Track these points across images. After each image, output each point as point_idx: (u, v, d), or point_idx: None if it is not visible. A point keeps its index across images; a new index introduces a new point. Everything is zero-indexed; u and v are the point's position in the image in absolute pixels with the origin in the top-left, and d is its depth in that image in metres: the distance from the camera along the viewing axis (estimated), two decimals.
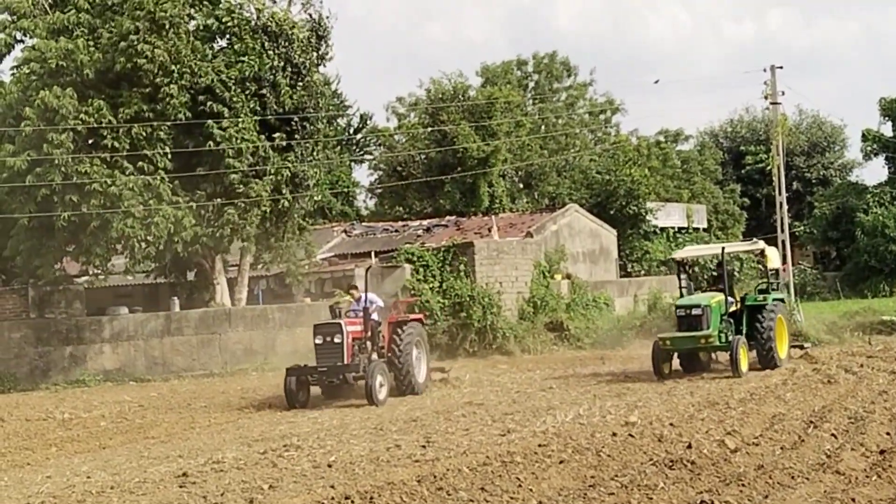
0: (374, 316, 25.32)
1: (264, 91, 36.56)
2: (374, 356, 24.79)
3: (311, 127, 37.78)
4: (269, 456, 16.83)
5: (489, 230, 45.84)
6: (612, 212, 52.40)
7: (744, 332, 26.14)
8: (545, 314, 39.70)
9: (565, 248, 44.84)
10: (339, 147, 49.07)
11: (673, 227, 55.88)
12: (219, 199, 35.80)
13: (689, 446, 14.56)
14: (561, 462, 14.11)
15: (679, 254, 28.57)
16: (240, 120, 35.41)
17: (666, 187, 59.63)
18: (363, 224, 54.81)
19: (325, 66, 40.02)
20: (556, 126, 67.31)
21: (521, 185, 63.38)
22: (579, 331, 39.14)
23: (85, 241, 34.42)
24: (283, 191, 36.65)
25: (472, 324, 37.39)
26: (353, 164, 62.49)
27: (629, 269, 52.51)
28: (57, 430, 22.75)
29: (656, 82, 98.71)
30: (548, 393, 24.37)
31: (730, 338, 25.42)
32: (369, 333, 24.97)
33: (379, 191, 64.07)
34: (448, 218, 51.87)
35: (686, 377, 25.82)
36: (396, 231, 50.32)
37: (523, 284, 40.16)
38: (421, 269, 38.47)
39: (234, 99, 35.56)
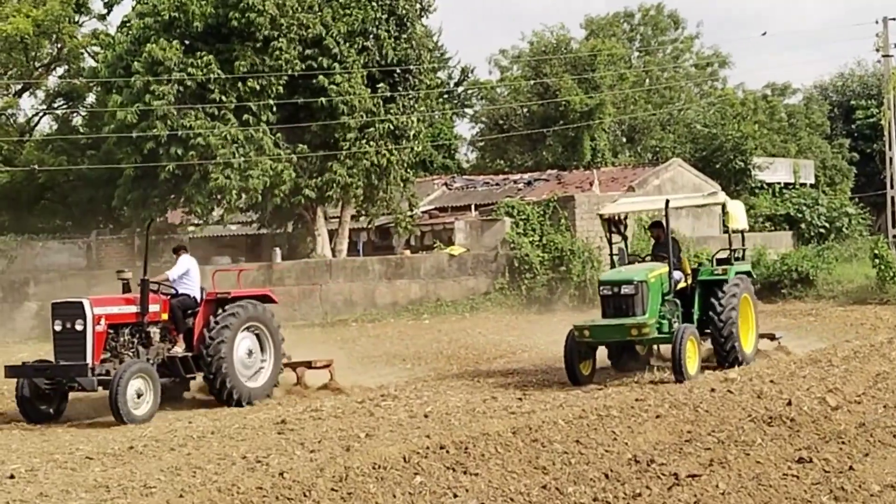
0: (186, 289, 18.34)
1: (368, 43, 36.61)
2: (177, 349, 17.89)
3: (414, 79, 37.76)
4: (366, 405, 16.97)
5: (590, 184, 45.47)
6: (716, 166, 51.55)
7: (695, 317, 19.31)
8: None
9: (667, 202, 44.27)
10: (441, 100, 48.98)
11: (779, 183, 54.79)
12: (322, 151, 36.02)
13: (789, 403, 14.31)
14: (657, 417, 13.99)
15: (608, 209, 20.93)
16: (350, 74, 35.49)
17: (772, 142, 58.47)
18: (464, 177, 54.76)
19: (427, 17, 39.97)
20: (661, 79, 66.39)
21: (624, 139, 62.74)
22: None
23: (187, 191, 34.93)
24: (386, 143, 36.74)
25: (572, 278, 37.22)
26: (454, 117, 62.37)
27: None
28: None
29: (763, 34, 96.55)
30: None
31: (674, 326, 18.49)
32: (166, 316, 18.04)
33: (480, 144, 63.93)
34: (549, 172, 51.56)
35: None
36: (497, 184, 50.18)
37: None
38: (521, 223, 38.33)
39: (345, 53, 35.62)
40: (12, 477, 12.53)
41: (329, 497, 10.24)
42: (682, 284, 19.38)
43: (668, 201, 19.45)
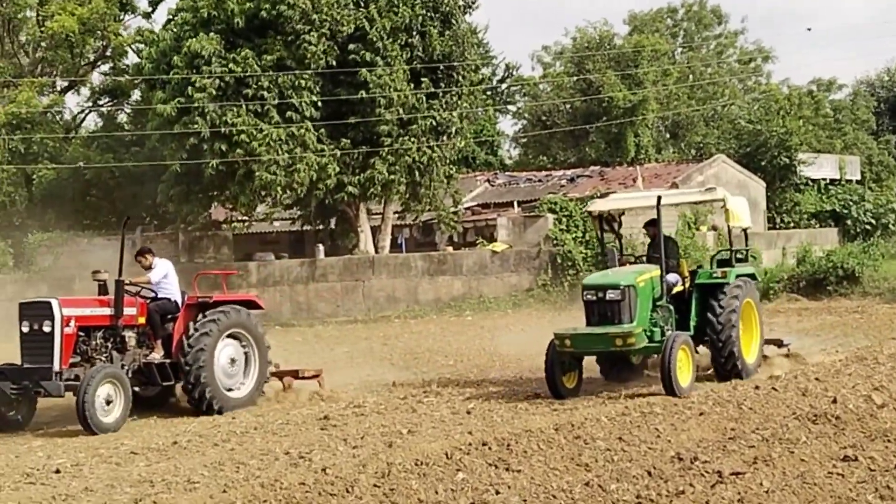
0: (166, 293, 17.30)
1: (413, 39, 36.63)
2: (155, 355, 16.88)
3: (457, 76, 37.77)
4: (408, 401, 16.99)
5: (634, 181, 45.28)
6: (761, 163, 51.20)
7: (692, 325, 17.50)
8: (690, 266, 39.08)
9: None
10: (484, 96, 48.95)
11: (824, 179, 54.35)
12: (364, 147, 36.09)
13: (835, 401, 14.18)
14: (701, 414, 13.91)
15: (597, 205, 19.36)
16: (392, 69, 35.53)
17: (818, 138, 58.00)
18: (506, 173, 54.70)
19: (471, 14, 39.97)
20: (705, 75, 65.99)
21: (668, 135, 62.44)
22: None
23: (232, 188, 35.13)
24: (428, 140, 36.76)
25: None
26: (497, 113, 62.34)
27: (777, 222, 51.34)
28: None
29: (809, 30, 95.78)
30: None
31: (667, 334, 16.61)
32: (143, 320, 17.01)
33: (523, 140, 63.84)
34: (592, 168, 51.41)
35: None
36: (540, 181, 50.09)
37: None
38: (564, 220, 38.22)
39: (388, 48, 35.67)
40: (58, 471, 12.64)
41: (371, 493, 10.25)
42: (678, 288, 17.65)
43: (659, 198, 17.53)
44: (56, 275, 36.54)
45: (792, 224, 51.42)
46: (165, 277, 17.25)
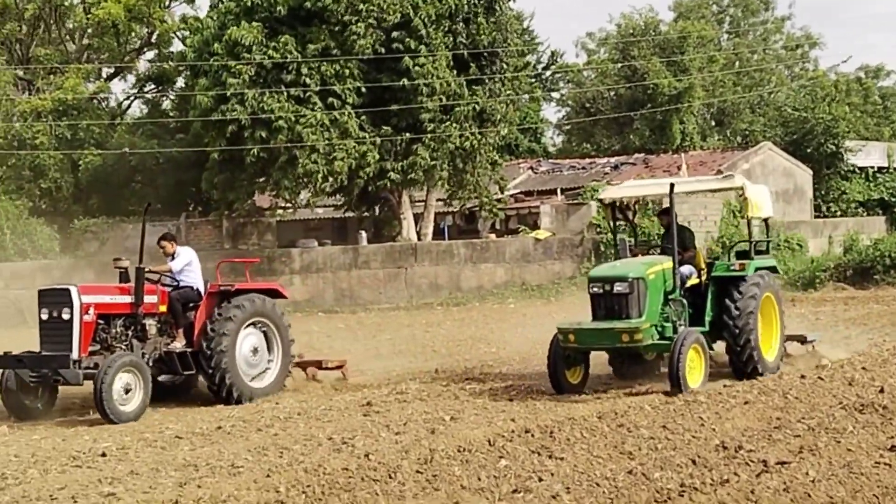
0: (188, 281, 17.09)
1: (457, 26, 36.58)
2: (176, 344, 16.62)
3: (501, 63, 37.68)
4: (451, 388, 16.98)
5: (678, 168, 45.01)
6: (807, 150, 50.75)
7: (707, 320, 16.51)
8: (735, 255, 38.87)
9: None
10: (529, 84, 48.83)
11: (872, 167, 53.80)
12: (407, 134, 36.09)
13: (882, 391, 14.05)
14: (746, 403, 13.83)
15: (608, 193, 18.63)
16: (434, 56, 35.50)
17: (865, 125, 57.42)
18: (550, 161, 54.54)
19: (515, 1, 39.89)
20: (751, 61, 65.47)
21: (713, 123, 62.03)
22: None
23: (273, 175, 35.25)
24: (471, 126, 36.71)
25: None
26: (541, 100, 62.15)
27: (824, 210, 50.91)
28: None
29: (855, 16, 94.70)
30: None
31: (679, 330, 15.79)
32: (164, 308, 16.75)
33: (567, 127, 63.63)
34: (636, 155, 51.16)
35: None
36: (583, 168, 49.91)
37: (712, 224, 39.37)
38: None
39: (431, 35, 35.64)
40: (104, 455, 12.74)
41: (414, 479, 10.25)
42: (693, 281, 16.63)
43: (672, 185, 16.61)
44: (102, 260, 36.77)
45: (839, 212, 50.99)
46: (189, 265, 17.04)
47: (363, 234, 39.88)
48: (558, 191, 45.43)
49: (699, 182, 21.31)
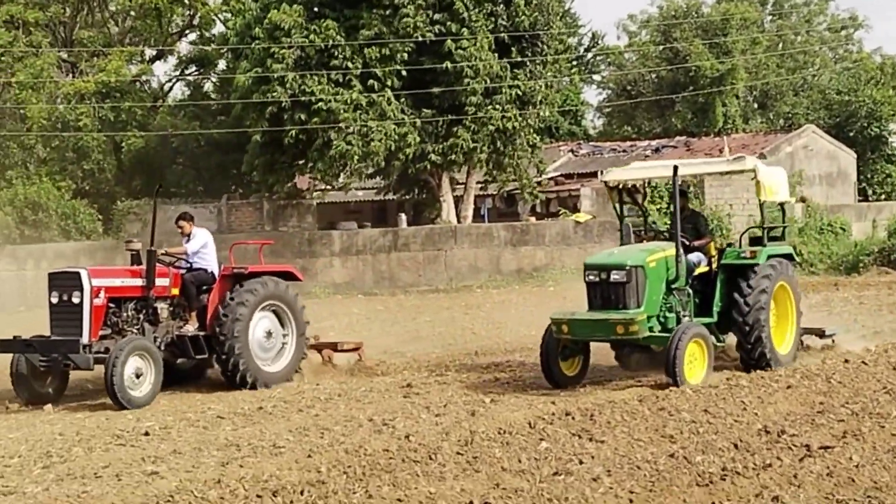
0: (202, 263, 16.77)
1: (497, 8, 36.47)
2: (189, 328, 16.30)
3: (542, 45, 37.55)
4: (491, 371, 17.00)
5: (720, 151, 44.71)
6: (851, 133, 50.29)
7: (716, 310, 15.63)
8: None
9: (801, 171, 43.45)
10: (569, 66, 48.65)
11: None
12: (448, 116, 36.06)
13: None
14: (788, 387, 13.74)
15: (613, 174, 17.58)
16: (476, 39, 35.42)
17: None
18: (590, 144, 54.35)
19: None
20: (794, 43, 64.89)
21: (756, 105, 61.55)
22: (813, 255, 37.94)
23: (311, 157, 35.33)
24: (511, 109, 36.61)
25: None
26: (581, 83, 61.93)
27: (869, 194, 50.47)
28: None
29: None
30: None
31: (683, 321, 14.97)
32: (176, 291, 16.43)
33: (607, 110, 63.36)
34: (678, 138, 50.90)
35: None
36: (624, 151, 49.70)
37: (755, 207, 39.06)
38: (648, 191, 37.85)
39: (473, 18, 35.55)
40: (147, 434, 12.84)
41: (454, 460, 10.26)
42: (702, 269, 15.75)
43: (676, 167, 15.47)
44: (144, 241, 37.07)
45: (883, 196, 50.52)
46: (204, 247, 16.70)
47: (403, 216, 39.91)
48: (599, 174, 45.25)
49: (707, 164, 19.86)
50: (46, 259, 35.63)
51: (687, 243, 15.66)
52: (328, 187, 40.29)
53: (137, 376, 15.01)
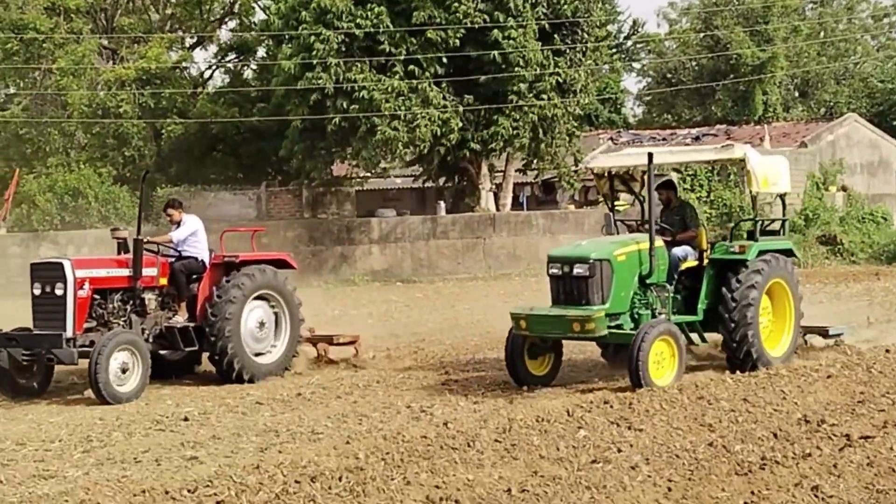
0: (193, 252, 16.13)
1: None
2: (178, 319, 15.81)
3: (583, 33, 37.39)
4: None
5: (761, 140, 44.41)
6: (894, 122, 49.84)
7: (701, 308, 14.74)
8: (817, 227, 38.41)
9: (842, 159, 43.12)
10: (609, 54, 48.41)
11: None
12: (489, 104, 35.96)
13: None
14: (829, 377, 13.65)
15: (598, 162, 16.98)
16: (525, 29, 35.27)
17: None
18: (630, 132, 54.10)
19: None
20: (836, 31, 64.32)
21: (797, 94, 61.11)
22: (853, 245, 37.69)
23: (354, 144, 35.34)
24: (554, 98, 36.46)
25: (741, 234, 36.42)
26: (621, 70, 61.66)
27: None
28: (327, 325, 23.52)
29: None
30: (817, 308, 23.55)
31: (659, 318, 14.11)
32: (165, 281, 15.87)
33: (647, 98, 63.09)
34: (718, 126, 50.58)
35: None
36: (664, 139, 49.42)
37: (795, 196, 38.83)
38: (688, 179, 37.75)
39: (520, 7, 35.41)
40: (186, 419, 12.93)
41: (493, 448, 10.27)
42: (689, 263, 14.84)
43: (650, 155, 14.57)
44: None
45: None
46: (194, 235, 16.05)
47: (442, 204, 39.90)
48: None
49: (696, 152, 18.66)
50: (87, 245, 35.91)
51: (672, 237, 14.97)
52: (367, 174, 40.31)
53: (123, 371, 14.50)
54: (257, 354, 16.04)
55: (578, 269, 13.85)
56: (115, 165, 41.10)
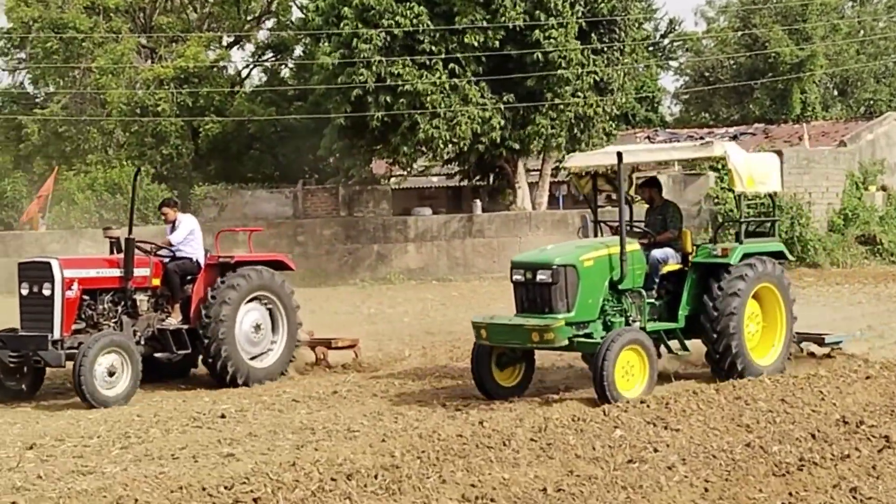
0: (188, 252, 15.71)
1: None
2: (171, 320, 15.36)
3: (620, 32, 37.26)
4: (565, 358, 16.83)
5: (799, 139, 44.15)
6: None
7: (682, 314, 14.00)
8: (857, 227, 38.11)
9: (883, 159, 42.78)
10: (647, 52, 48.21)
11: None
12: (527, 103, 35.88)
13: None
14: (867, 378, 13.56)
15: (575, 161, 15.98)
16: (566, 29, 35.16)
17: None
18: (667, 131, 53.87)
19: None
20: (876, 30, 63.81)
21: (836, 92, 60.67)
22: (893, 245, 37.41)
23: (394, 141, 35.34)
24: (592, 97, 36.34)
25: (780, 235, 36.21)
26: (658, 69, 61.43)
27: None
28: (363, 323, 23.60)
29: None
30: (856, 308, 23.42)
31: (634, 326, 13.47)
32: (157, 281, 15.44)
33: (685, 97, 62.80)
34: (756, 125, 50.32)
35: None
36: (701, 138, 49.02)
37: (834, 195, 38.56)
38: (725, 178, 37.49)
39: (560, 7, 35.31)
40: (223, 416, 13.00)
41: (528, 447, 10.26)
42: (671, 266, 14.14)
43: (619, 154, 13.86)
44: (220, 226, 37.43)
45: None
46: (190, 234, 15.65)
47: (478, 202, 39.85)
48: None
49: (673, 150, 17.40)
50: None
51: (650, 239, 14.36)
52: (405, 173, 40.33)
53: (111, 374, 14.06)
54: (253, 357, 15.68)
55: (541, 276, 13.18)
56: (154, 163, 41.32)
